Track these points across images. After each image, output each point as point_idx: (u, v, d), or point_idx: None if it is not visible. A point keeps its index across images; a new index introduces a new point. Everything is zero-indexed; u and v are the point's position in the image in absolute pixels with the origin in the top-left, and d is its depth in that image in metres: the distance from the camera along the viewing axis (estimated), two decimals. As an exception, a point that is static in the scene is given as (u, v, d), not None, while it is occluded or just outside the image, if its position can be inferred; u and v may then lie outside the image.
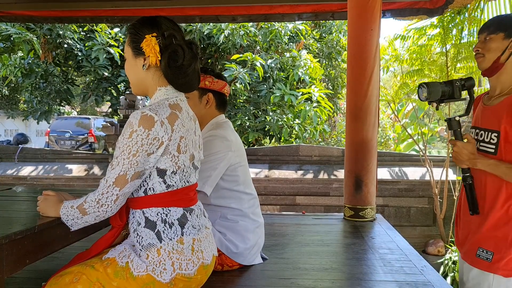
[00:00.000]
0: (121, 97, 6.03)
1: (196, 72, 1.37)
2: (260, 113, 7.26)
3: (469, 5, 3.75)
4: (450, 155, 4.44)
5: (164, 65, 1.30)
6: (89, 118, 12.89)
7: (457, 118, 1.62)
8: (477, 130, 1.64)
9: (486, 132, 1.58)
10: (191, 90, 1.41)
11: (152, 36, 1.28)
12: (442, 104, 1.72)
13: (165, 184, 1.29)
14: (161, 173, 1.28)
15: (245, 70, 6.60)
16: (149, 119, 1.21)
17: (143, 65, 1.32)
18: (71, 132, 12.16)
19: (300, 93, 6.93)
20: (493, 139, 1.54)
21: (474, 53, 1.64)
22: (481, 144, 1.61)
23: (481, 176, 1.60)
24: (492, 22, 1.60)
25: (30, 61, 8.15)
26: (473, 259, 1.59)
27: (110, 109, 9.66)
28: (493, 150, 1.55)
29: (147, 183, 1.29)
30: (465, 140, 1.58)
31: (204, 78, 1.88)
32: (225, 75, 6.57)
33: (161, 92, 1.34)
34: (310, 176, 4.65)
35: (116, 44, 7.88)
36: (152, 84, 1.35)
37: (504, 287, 1.53)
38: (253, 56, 6.66)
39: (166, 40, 1.30)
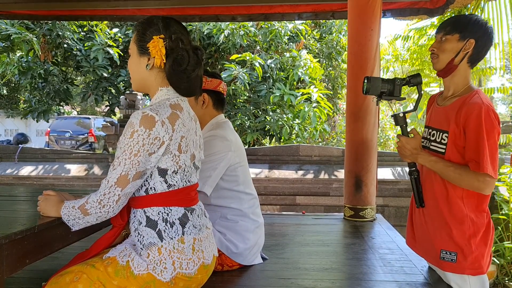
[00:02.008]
0: (121, 97, 6.04)
1: (199, 78, 1.38)
2: (260, 113, 7.26)
3: (469, 5, 3.75)
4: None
5: (168, 68, 1.30)
6: (89, 118, 12.88)
7: (401, 114, 1.66)
8: (430, 130, 1.67)
9: (438, 132, 1.61)
10: (192, 95, 1.40)
11: (159, 37, 1.29)
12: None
13: (166, 183, 1.29)
14: (162, 172, 1.28)
15: (245, 70, 6.60)
16: (150, 119, 1.22)
17: (147, 65, 1.32)
18: (71, 132, 12.15)
19: (300, 93, 6.93)
20: (444, 139, 1.57)
21: (430, 53, 1.66)
22: (432, 144, 1.63)
23: (431, 173, 1.62)
24: (448, 22, 1.60)
25: (28, 60, 8.14)
26: (438, 261, 1.59)
27: (108, 108, 9.65)
28: (443, 150, 1.57)
29: (148, 183, 1.29)
30: (411, 135, 1.61)
31: None
32: (224, 75, 6.53)
33: (162, 92, 1.34)
34: (310, 176, 4.65)
35: (115, 45, 7.88)
36: (154, 84, 1.35)
37: (481, 283, 1.54)
38: (252, 56, 6.66)
39: (173, 43, 1.30)
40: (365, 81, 1.67)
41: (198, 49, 1.37)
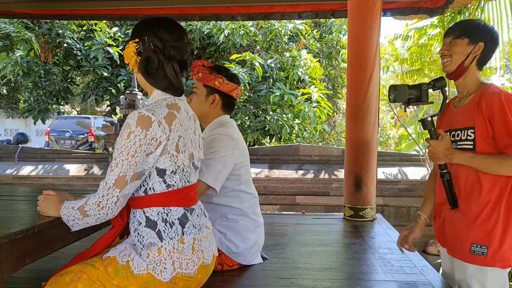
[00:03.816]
0: (121, 96, 6.03)
1: (173, 77, 1.32)
2: (260, 112, 7.26)
3: (469, 5, 3.74)
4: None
5: (142, 70, 1.31)
6: (89, 118, 12.88)
7: (429, 119, 1.67)
8: (453, 132, 1.70)
9: (463, 131, 1.63)
10: (179, 94, 1.36)
11: (134, 42, 1.31)
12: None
13: (165, 183, 1.29)
14: (161, 172, 1.28)
15: (245, 70, 6.60)
16: (146, 119, 1.21)
17: (133, 68, 1.34)
18: (71, 132, 12.15)
19: (300, 92, 6.93)
20: (470, 136, 1.60)
21: (440, 56, 1.70)
22: (459, 143, 1.65)
23: (457, 171, 1.65)
24: (457, 27, 1.67)
25: (29, 60, 8.12)
26: (467, 255, 1.60)
27: (109, 108, 9.63)
28: (471, 147, 1.59)
29: (147, 183, 1.29)
30: (440, 138, 1.63)
31: (215, 78, 1.85)
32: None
33: (158, 92, 1.34)
34: (310, 176, 4.65)
35: (115, 44, 7.87)
36: (148, 84, 1.36)
37: (502, 278, 1.56)
38: (252, 56, 6.66)
39: (145, 45, 1.30)
40: (391, 89, 1.69)
41: (172, 46, 1.31)
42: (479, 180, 1.57)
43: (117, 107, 7.89)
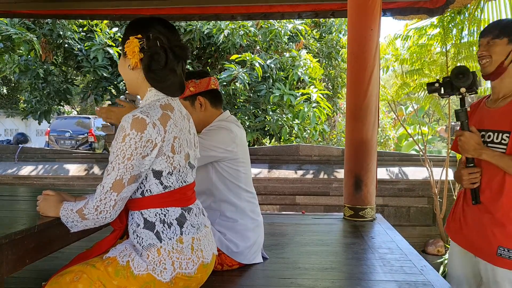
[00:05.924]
0: (121, 96, 6.03)
1: (179, 77, 1.33)
2: (260, 112, 7.25)
3: (469, 5, 3.74)
4: (450, 154, 4.41)
5: (145, 67, 1.29)
6: (89, 118, 12.90)
7: (468, 109, 1.64)
8: (484, 132, 1.66)
9: (496, 133, 1.61)
10: (175, 95, 1.36)
11: (136, 37, 1.28)
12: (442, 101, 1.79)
13: (161, 185, 1.29)
14: (157, 174, 1.28)
15: (245, 70, 6.60)
16: (141, 122, 1.21)
17: (129, 65, 1.32)
18: (71, 132, 12.17)
19: (300, 93, 6.93)
20: (504, 140, 1.58)
21: (478, 57, 1.67)
22: (489, 145, 1.63)
23: (490, 169, 1.62)
24: (495, 26, 1.64)
25: (26, 59, 8.12)
26: (493, 258, 1.58)
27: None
28: (504, 151, 1.57)
29: (144, 185, 1.29)
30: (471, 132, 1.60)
31: (187, 86, 1.85)
32: (224, 75, 6.47)
33: (151, 93, 1.33)
34: (310, 175, 4.65)
35: (115, 44, 7.87)
36: (142, 84, 1.34)
37: None
38: (252, 56, 6.65)
39: (150, 42, 1.28)
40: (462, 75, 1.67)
41: (179, 46, 1.32)
42: (507, 181, 1.55)
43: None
